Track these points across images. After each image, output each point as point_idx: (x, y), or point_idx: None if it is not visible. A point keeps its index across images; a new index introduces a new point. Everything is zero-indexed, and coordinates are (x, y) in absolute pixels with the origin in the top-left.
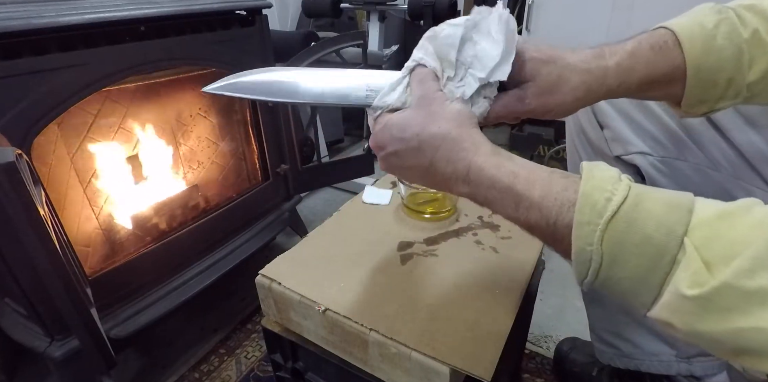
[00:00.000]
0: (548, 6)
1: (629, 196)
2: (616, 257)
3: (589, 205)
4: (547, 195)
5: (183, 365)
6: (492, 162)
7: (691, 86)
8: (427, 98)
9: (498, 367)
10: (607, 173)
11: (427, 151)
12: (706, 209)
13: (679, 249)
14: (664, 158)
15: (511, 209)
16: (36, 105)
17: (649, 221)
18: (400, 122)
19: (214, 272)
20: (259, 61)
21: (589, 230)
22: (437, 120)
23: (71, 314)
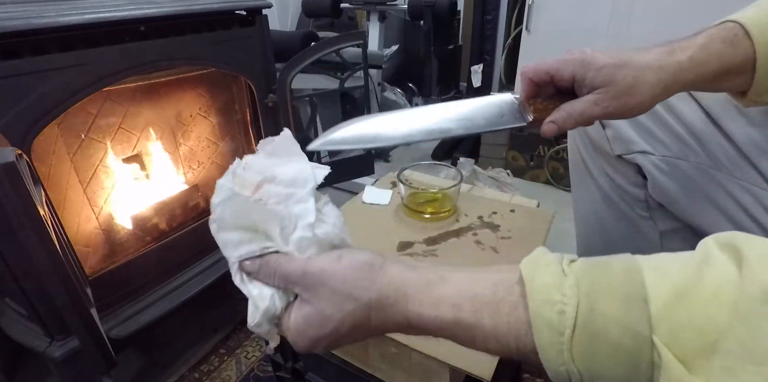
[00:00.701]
0: (548, 6)
1: (581, 301)
2: (594, 369)
3: (545, 325)
4: (499, 322)
5: (183, 365)
6: (428, 302)
7: (761, 75)
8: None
9: (498, 367)
10: (548, 275)
11: (362, 325)
12: (659, 291)
13: (652, 350)
14: (666, 157)
15: (469, 342)
16: (36, 105)
17: (610, 326)
18: (313, 320)
19: (214, 271)
20: (259, 61)
21: (555, 352)
22: (347, 295)
23: (71, 314)
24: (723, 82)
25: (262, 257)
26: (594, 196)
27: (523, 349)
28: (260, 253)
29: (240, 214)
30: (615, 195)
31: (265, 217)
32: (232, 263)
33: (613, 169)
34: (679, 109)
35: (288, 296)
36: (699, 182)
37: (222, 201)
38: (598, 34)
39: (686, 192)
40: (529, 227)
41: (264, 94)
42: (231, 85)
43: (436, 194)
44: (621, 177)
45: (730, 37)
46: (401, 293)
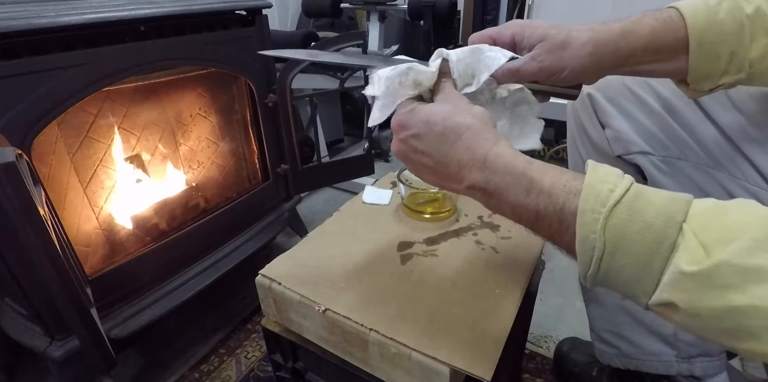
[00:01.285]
0: (548, 6)
1: (631, 188)
2: (618, 244)
3: (593, 194)
4: (557, 182)
5: (183, 365)
6: (510, 151)
7: (695, 59)
8: (452, 97)
9: (498, 367)
10: (611, 169)
11: (450, 136)
12: (704, 202)
13: (678, 234)
14: (666, 158)
15: (522, 194)
16: (36, 105)
17: (649, 209)
18: (428, 109)
19: (214, 272)
20: (259, 61)
21: (592, 218)
22: (464, 113)
23: (71, 314)
24: (656, 61)
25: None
26: None
27: (565, 210)
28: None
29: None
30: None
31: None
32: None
33: None
34: (677, 108)
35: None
36: (699, 182)
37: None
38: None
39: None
40: None
41: (264, 94)
42: (231, 85)
43: (436, 194)
44: None
45: (663, 17)
46: (496, 138)
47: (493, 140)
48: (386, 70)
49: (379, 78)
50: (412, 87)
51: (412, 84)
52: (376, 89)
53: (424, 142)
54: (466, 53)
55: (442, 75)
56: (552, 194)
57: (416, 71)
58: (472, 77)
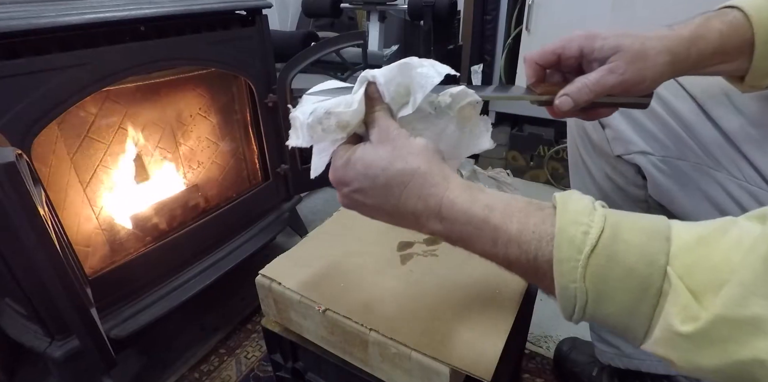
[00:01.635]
0: (548, 6)
1: (606, 227)
2: (601, 292)
3: (566, 240)
4: (525, 228)
5: (183, 365)
6: (465, 196)
7: (760, 57)
8: (388, 134)
9: (498, 367)
10: (580, 204)
11: (395, 187)
12: (683, 235)
13: (663, 279)
14: (666, 157)
15: (489, 244)
16: (36, 105)
17: (629, 252)
18: (365, 158)
19: (214, 272)
20: (259, 61)
21: (570, 267)
22: (404, 155)
23: (71, 314)
24: (722, 63)
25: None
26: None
27: (539, 260)
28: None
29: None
30: (615, 195)
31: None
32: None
33: (612, 170)
34: (677, 108)
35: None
36: (698, 182)
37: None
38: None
39: (686, 192)
40: None
41: (264, 94)
42: (231, 85)
43: None
44: (621, 177)
45: (729, 19)
46: (446, 181)
47: (443, 185)
48: (303, 115)
49: (300, 124)
50: (338, 131)
51: (337, 128)
52: (300, 140)
53: (369, 197)
54: (395, 71)
55: (373, 102)
56: (521, 242)
57: (337, 114)
58: (407, 96)
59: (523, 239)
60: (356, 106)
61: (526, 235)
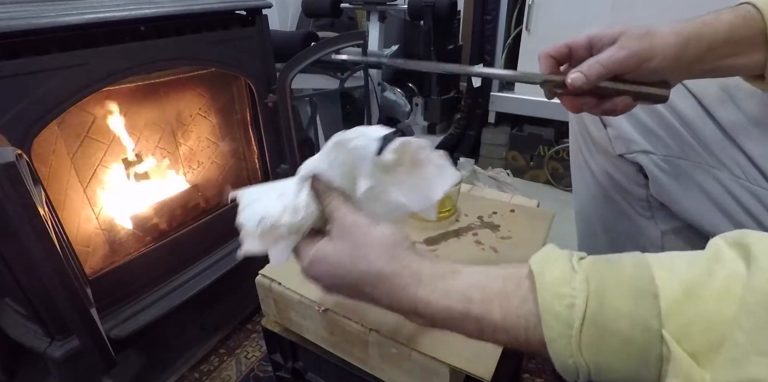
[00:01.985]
0: (548, 6)
1: (590, 295)
2: (601, 362)
3: (553, 318)
4: (508, 313)
5: (183, 365)
6: (438, 291)
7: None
8: (346, 227)
9: (498, 367)
10: (557, 271)
11: (365, 288)
12: (669, 288)
13: (662, 345)
14: (667, 157)
15: (475, 333)
16: (36, 105)
17: (620, 320)
18: (327, 259)
19: (214, 272)
20: (259, 61)
21: (563, 344)
22: (366, 255)
23: (71, 314)
24: (736, 55)
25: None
26: (595, 195)
27: (531, 341)
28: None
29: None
30: (616, 194)
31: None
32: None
33: (614, 169)
34: (678, 107)
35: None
36: (700, 181)
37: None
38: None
39: (687, 191)
40: (529, 227)
41: (264, 94)
42: (231, 85)
43: None
44: (622, 176)
45: (740, 13)
46: (415, 278)
47: (413, 284)
48: (249, 223)
49: (249, 233)
50: (292, 236)
51: (289, 234)
52: (255, 247)
53: (344, 293)
54: (333, 154)
55: (323, 195)
56: (508, 329)
57: (287, 225)
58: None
59: (509, 326)
60: (302, 212)
61: (511, 320)
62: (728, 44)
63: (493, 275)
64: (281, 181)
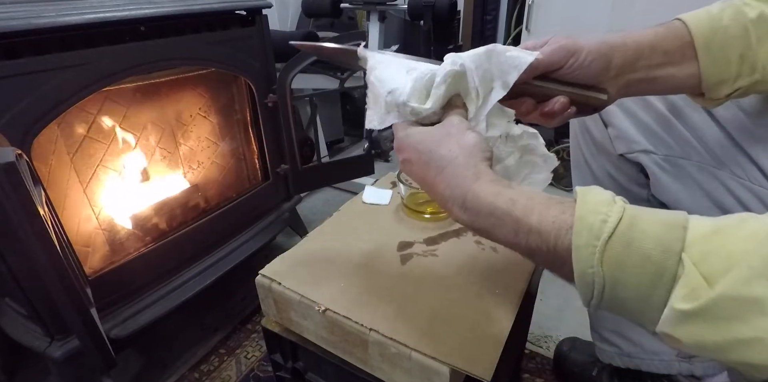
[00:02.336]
0: (548, 6)
1: (624, 217)
2: (618, 277)
3: (585, 228)
4: (545, 219)
5: (183, 365)
6: (490, 190)
7: (706, 64)
8: (451, 122)
9: (498, 367)
10: (600, 197)
11: (433, 169)
12: (700, 226)
13: (678, 266)
14: (668, 157)
15: (510, 235)
16: (36, 105)
17: (645, 240)
18: (419, 135)
19: (214, 272)
20: (259, 61)
21: (588, 253)
22: (450, 143)
23: (71, 314)
24: (668, 64)
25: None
26: None
27: (559, 247)
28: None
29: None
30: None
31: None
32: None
33: (615, 169)
34: (679, 107)
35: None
36: (701, 181)
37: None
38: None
39: (688, 191)
40: None
41: (264, 94)
42: (231, 85)
43: None
44: (623, 176)
45: (666, 24)
46: (476, 175)
47: (472, 178)
48: (381, 85)
49: (376, 95)
50: (410, 116)
51: (410, 115)
52: (375, 120)
53: (414, 168)
54: (482, 58)
55: (451, 108)
56: (542, 232)
57: (413, 108)
58: (492, 82)
59: (543, 229)
60: (431, 105)
61: (546, 225)
62: (656, 52)
63: (542, 193)
64: (407, 58)
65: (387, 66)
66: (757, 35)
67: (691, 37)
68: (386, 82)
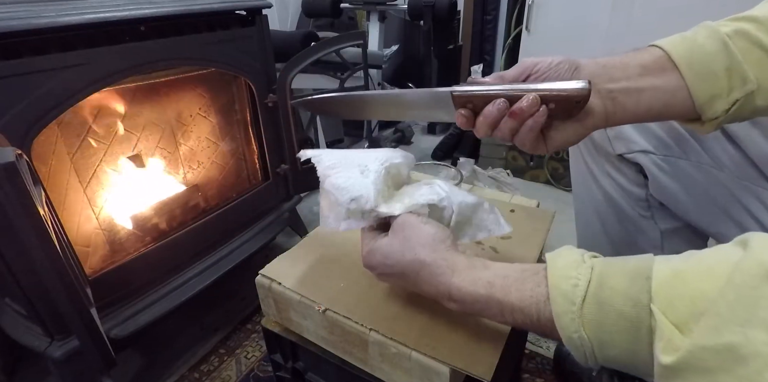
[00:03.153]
0: (548, 6)
1: (593, 278)
2: (601, 338)
3: (560, 295)
4: (523, 295)
5: (183, 365)
6: (468, 279)
7: (692, 81)
8: (403, 224)
9: (498, 367)
10: (569, 259)
11: (410, 275)
12: (662, 271)
13: (650, 318)
14: (667, 157)
15: (498, 315)
16: (36, 105)
17: (615, 297)
18: (382, 249)
19: (214, 272)
20: (259, 61)
21: (568, 319)
22: (412, 248)
23: (71, 314)
24: (649, 75)
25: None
26: (595, 195)
27: (543, 318)
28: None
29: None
30: (616, 194)
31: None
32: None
33: (614, 169)
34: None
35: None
36: (700, 181)
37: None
38: (598, 33)
39: (687, 191)
40: (529, 227)
41: (264, 94)
42: (231, 85)
43: None
44: (622, 176)
45: (641, 48)
46: (450, 269)
47: (449, 273)
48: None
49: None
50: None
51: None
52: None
53: (392, 279)
54: (468, 208)
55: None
56: (523, 308)
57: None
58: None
59: (524, 305)
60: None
61: (525, 301)
62: (629, 66)
63: (515, 268)
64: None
65: (339, 171)
66: (739, 47)
67: (667, 53)
68: (345, 190)
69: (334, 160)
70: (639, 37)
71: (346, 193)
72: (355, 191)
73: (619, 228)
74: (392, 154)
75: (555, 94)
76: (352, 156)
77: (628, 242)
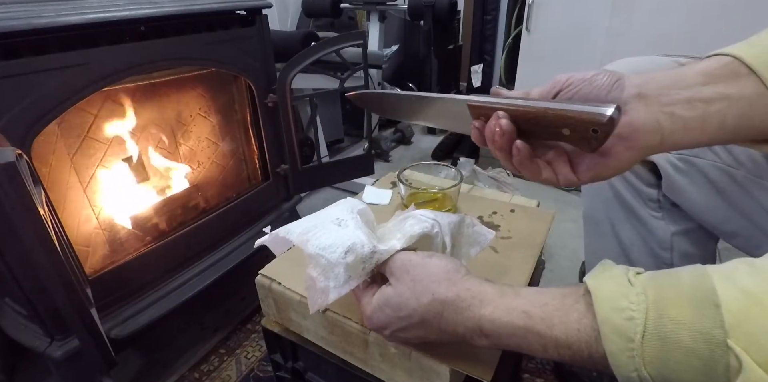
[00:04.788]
0: (548, 6)
1: (649, 307)
2: (665, 375)
3: (614, 332)
4: (569, 330)
5: (183, 365)
6: (501, 309)
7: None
8: (401, 266)
9: (498, 367)
10: (614, 285)
11: (432, 320)
12: (731, 295)
13: (728, 354)
14: (683, 156)
15: (540, 350)
16: (36, 105)
17: (681, 331)
18: (391, 301)
19: (214, 272)
20: (259, 61)
21: (625, 358)
22: (427, 286)
23: (71, 314)
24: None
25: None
26: (605, 195)
27: (595, 355)
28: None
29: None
30: (627, 194)
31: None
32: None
33: None
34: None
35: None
36: (716, 181)
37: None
38: (598, 33)
39: (702, 191)
40: (529, 227)
41: (264, 94)
42: (231, 85)
43: (436, 194)
44: (634, 176)
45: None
46: (477, 299)
47: (477, 305)
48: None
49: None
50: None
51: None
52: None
53: (412, 332)
54: (455, 226)
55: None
56: (571, 344)
57: (380, 253)
58: (461, 246)
59: (571, 341)
60: (401, 246)
61: (572, 336)
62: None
63: (552, 293)
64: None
65: (316, 232)
66: None
67: (737, 58)
68: (335, 246)
69: (304, 225)
70: (639, 37)
71: (337, 248)
72: (346, 242)
73: (629, 229)
74: (353, 201)
75: (567, 116)
76: (319, 216)
77: (637, 243)
